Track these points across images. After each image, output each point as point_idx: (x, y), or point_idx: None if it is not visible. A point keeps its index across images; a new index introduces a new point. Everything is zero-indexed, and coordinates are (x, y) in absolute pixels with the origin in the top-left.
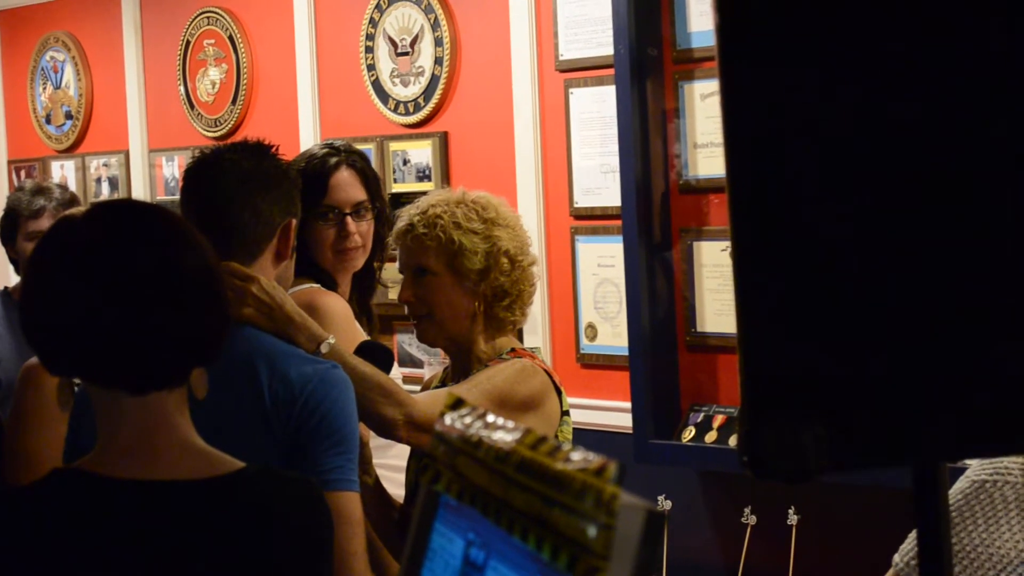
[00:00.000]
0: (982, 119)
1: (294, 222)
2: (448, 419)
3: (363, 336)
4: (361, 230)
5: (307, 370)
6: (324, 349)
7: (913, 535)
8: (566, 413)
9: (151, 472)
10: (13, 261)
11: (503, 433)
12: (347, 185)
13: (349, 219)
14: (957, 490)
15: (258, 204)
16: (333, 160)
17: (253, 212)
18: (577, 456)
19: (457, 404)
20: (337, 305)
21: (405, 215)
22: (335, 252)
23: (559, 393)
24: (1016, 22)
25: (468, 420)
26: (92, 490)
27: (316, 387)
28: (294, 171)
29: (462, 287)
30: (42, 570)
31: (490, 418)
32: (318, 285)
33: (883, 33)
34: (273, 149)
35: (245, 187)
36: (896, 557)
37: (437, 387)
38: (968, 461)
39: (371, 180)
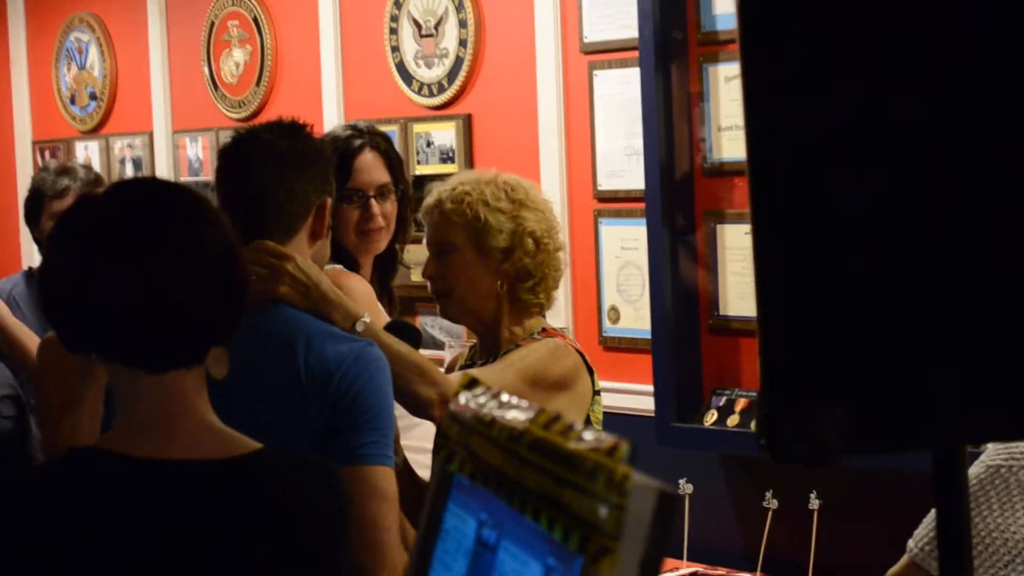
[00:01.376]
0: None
1: (329, 201)
2: (462, 399)
3: (385, 317)
4: (385, 212)
5: (343, 348)
6: (359, 327)
7: (927, 520)
8: (597, 393)
9: (168, 451)
10: (37, 241)
11: (516, 412)
12: (371, 167)
13: (373, 201)
14: (972, 475)
15: (293, 183)
16: (357, 142)
17: (288, 191)
18: (589, 436)
19: (472, 384)
20: (360, 286)
21: (435, 191)
22: (358, 234)
23: (591, 373)
24: None
25: (482, 400)
26: (109, 469)
27: (352, 365)
28: (328, 150)
29: (485, 265)
30: (59, 548)
31: (504, 397)
32: (341, 266)
33: (909, 22)
34: (307, 129)
35: (281, 166)
36: (911, 543)
37: (463, 366)
38: (983, 446)
39: (395, 162)
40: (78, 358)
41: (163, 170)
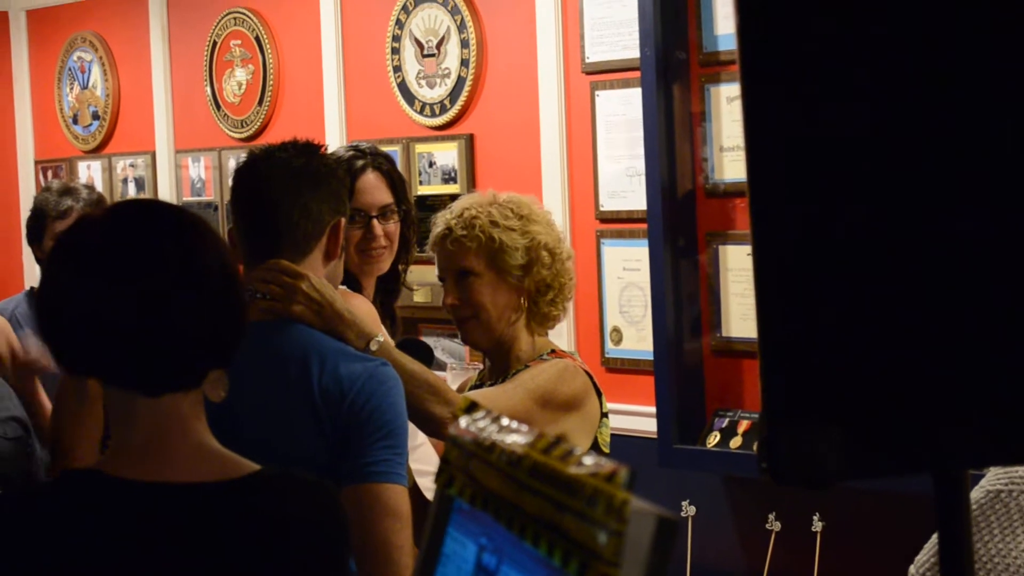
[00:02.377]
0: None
1: (343, 221)
2: (462, 422)
3: (390, 339)
4: (387, 232)
5: (357, 367)
6: (374, 347)
7: (929, 545)
8: (605, 415)
9: (164, 474)
10: (40, 261)
11: (516, 436)
12: (373, 188)
13: (375, 222)
14: (972, 500)
15: (308, 202)
16: (359, 163)
17: (303, 210)
18: (589, 461)
19: (472, 407)
20: (363, 307)
21: (440, 221)
22: (361, 254)
23: (599, 394)
24: None
25: (482, 424)
26: (103, 491)
27: (366, 384)
28: (342, 170)
29: (506, 284)
30: (52, 571)
31: (504, 421)
32: (344, 287)
33: (905, 41)
34: (322, 149)
35: (296, 185)
36: (912, 568)
37: (474, 387)
38: (984, 470)
39: (397, 183)
40: (75, 380)
41: (165, 190)
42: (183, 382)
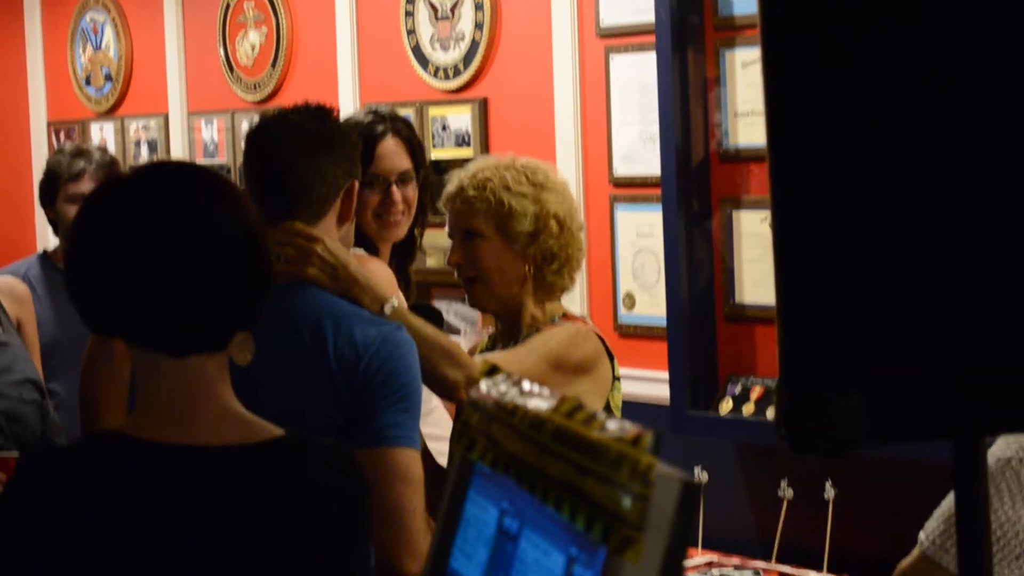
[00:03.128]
0: None
1: (357, 184)
2: (484, 386)
3: (405, 303)
4: (406, 197)
5: (371, 331)
6: (388, 310)
7: (938, 513)
8: (617, 379)
9: (188, 437)
10: (52, 223)
11: (538, 400)
12: (393, 154)
13: (394, 187)
14: None
15: (322, 165)
16: (379, 128)
17: (318, 173)
18: (613, 425)
19: (493, 371)
20: (380, 271)
21: (455, 179)
22: (378, 219)
23: (611, 358)
24: None
25: (503, 388)
26: (127, 453)
27: (380, 347)
28: (355, 134)
29: (512, 250)
30: (78, 532)
31: (526, 385)
32: (362, 250)
33: (933, 9)
34: (334, 112)
35: (310, 148)
36: (921, 535)
37: (485, 350)
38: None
39: (416, 148)
40: (100, 340)
41: (178, 152)
42: (208, 344)
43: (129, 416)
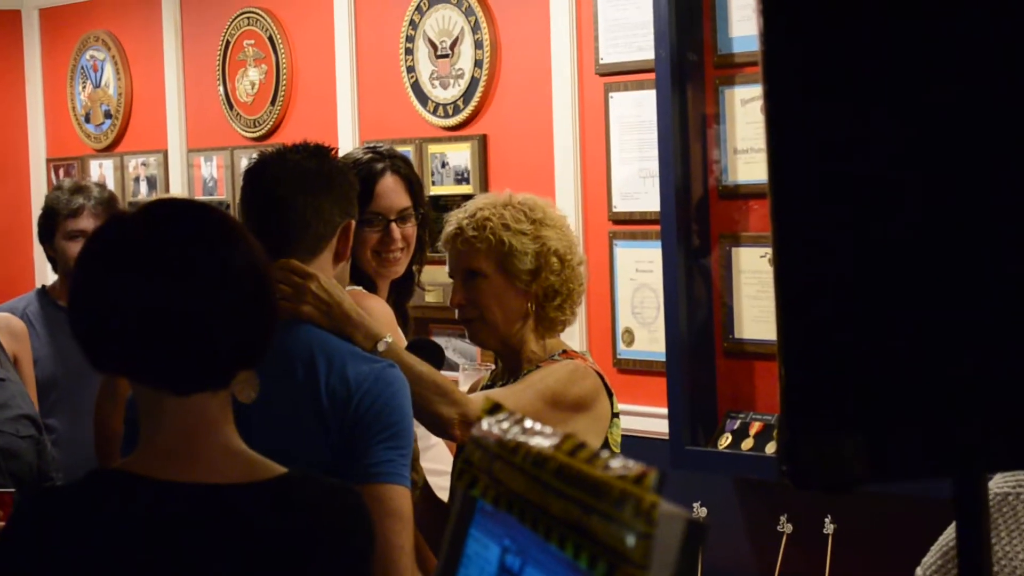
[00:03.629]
0: None
1: (353, 223)
2: (486, 424)
3: (403, 339)
4: (405, 235)
5: (364, 369)
6: (381, 347)
7: (935, 547)
8: (616, 415)
9: (191, 474)
10: (51, 259)
11: (541, 439)
12: (392, 192)
13: (394, 225)
14: None
15: (320, 204)
16: (379, 166)
17: (315, 211)
18: (616, 463)
19: (495, 409)
20: (379, 308)
21: (453, 219)
22: (377, 257)
23: (610, 395)
24: None
25: (506, 425)
26: (129, 491)
27: (372, 385)
28: (352, 173)
29: (514, 288)
30: (77, 571)
31: (528, 423)
32: (360, 288)
33: (933, 45)
34: (333, 152)
35: (308, 187)
36: (919, 571)
37: (486, 387)
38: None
39: (415, 186)
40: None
41: (177, 189)
42: (212, 382)
43: (132, 453)
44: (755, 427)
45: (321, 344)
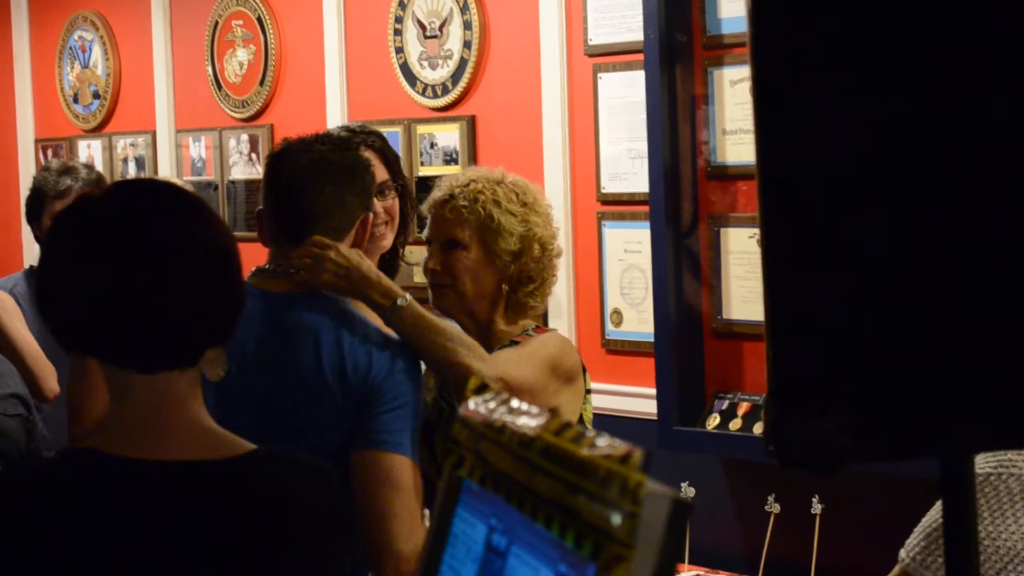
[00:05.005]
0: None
1: (371, 216)
2: (472, 403)
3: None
4: (387, 208)
5: (375, 347)
6: (401, 303)
7: (918, 529)
8: (588, 392)
9: (158, 452)
10: (39, 240)
11: (527, 418)
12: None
13: (375, 200)
14: None
15: (343, 194)
16: (354, 142)
17: (338, 202)
18: (602, 442)
19: (481, 388)
20: None
21: (445, 185)
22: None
23: (584, 372)
24: None
25: (492, 405)
26: (98, 469)
27: (384, 360)
28: (371, 167)
29: (492, 266)
30: (49, 548)
31: (514, 403)
32: None
33: (921, 26)
34: (357, 144)
35: (332, 177)
36: (902, 553)
37: None
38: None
39: (391, 159)
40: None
41: (166, 169)
42: (179, 360)
43: (101, 431)
44: (743, 407)
45: (336, 317)
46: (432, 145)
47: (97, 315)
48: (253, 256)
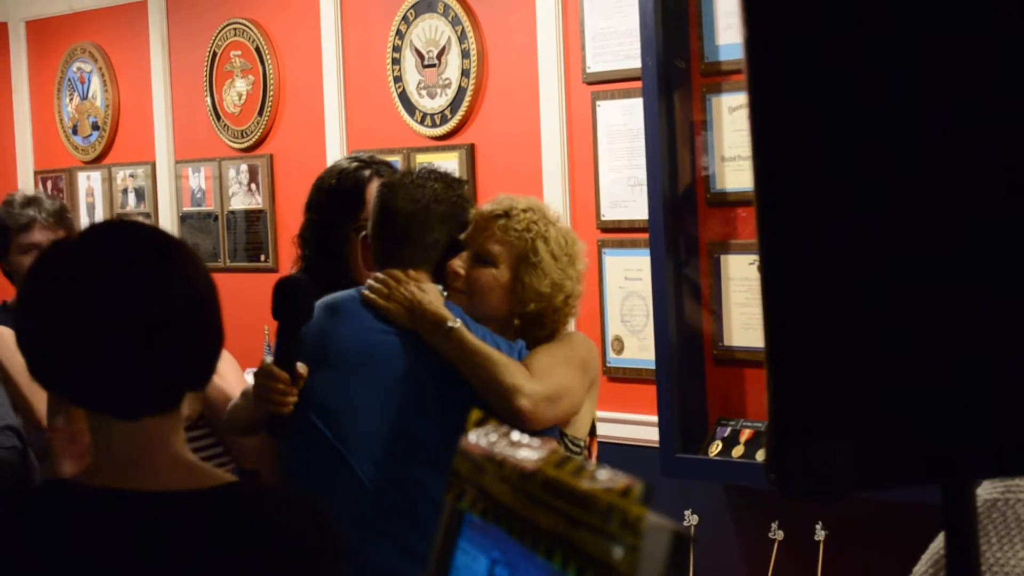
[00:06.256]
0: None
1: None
2: (473, 436)
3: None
4: None
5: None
6: (447, 328)
7: (926, 556)
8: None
9: (139, 483)
10: (7, 274)
11: (528, 451)
12: None
13: None
14: None
15: (449, 231)
16: (365, 173)
17: (444, 237)
18: (603, 475)
19: (482, 421)
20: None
21: (505, 202)
22: (370, 270)
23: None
24: None
25: (493, 438)
26: (78, 500)
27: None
28: (472, 206)
29: (514, 294)
30: None
31: (515, 436)
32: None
33: (915, 54)
34: (465, 184)
35: (442, 215)
36: None
37: None
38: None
39: None
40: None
41: (165, 200)
42: (158, 406)
43: (87, 468)
44: (745, 434)
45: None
46: None
47: (75, 363)
48: (253, 287)
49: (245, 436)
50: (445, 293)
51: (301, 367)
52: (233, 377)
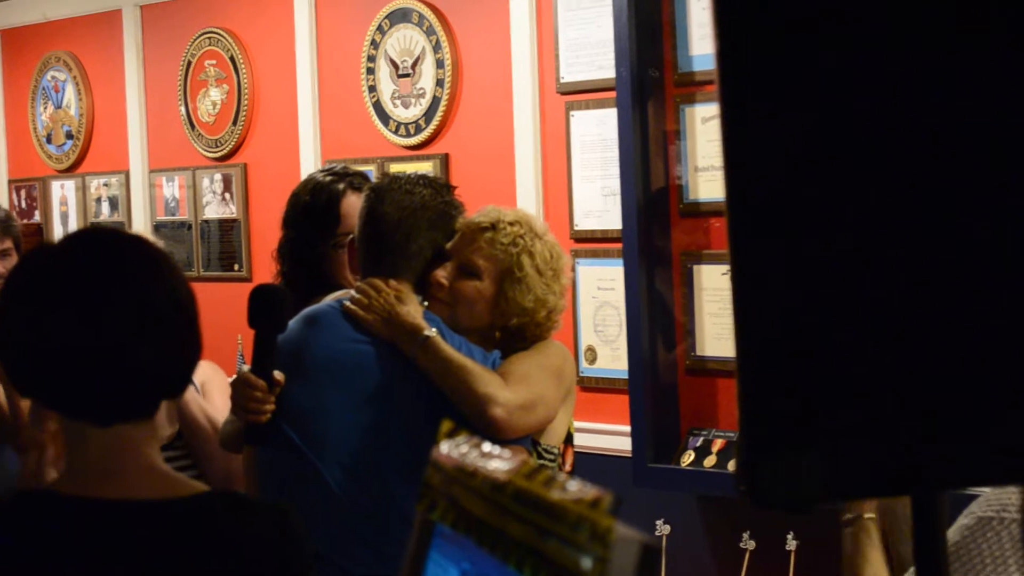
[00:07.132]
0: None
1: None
2: (444, 447)
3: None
4: None
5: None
6: (422, 339)
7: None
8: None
9: (113, 492)
10: None
11: (499, 462)
12: (356, 209)
13: None
14: (962, 527)
15: (435, 238)
16: (339, 186)
17: (429, 245)
18: (573, 487)
19: (453, 432)
20: None
21: (493, 214)
22: (355, 274)
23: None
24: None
25: (464, 449)
26: (52, 508)
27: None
28: (462, 212)
29: (496, 308)
30: None
31: (486, 447)
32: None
33: (884, 62)
34: (454, 190)
35: (429, 222)
36: None
37: None
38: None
39: None
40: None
41: (139, 209)
42: (134, 413)
43: (60, 476)
44: (717, 444)
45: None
46: None
47: (51, 369)
48: (227, 296)
49: (240, 452)
50: (425, 304)
51: (278, 374)
52: (221, 400)
